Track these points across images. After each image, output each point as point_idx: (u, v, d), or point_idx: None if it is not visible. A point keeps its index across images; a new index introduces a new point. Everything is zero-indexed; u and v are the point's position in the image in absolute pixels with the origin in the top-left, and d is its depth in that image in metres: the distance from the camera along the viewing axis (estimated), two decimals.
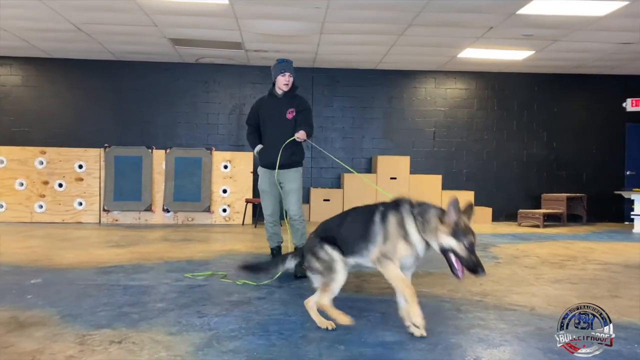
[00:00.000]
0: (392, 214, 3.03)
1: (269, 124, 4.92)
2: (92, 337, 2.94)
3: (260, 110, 5.01)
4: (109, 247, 6.24)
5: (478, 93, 10.58)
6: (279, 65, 4.86)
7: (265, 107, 4.98)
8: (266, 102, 5.00)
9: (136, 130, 9.97)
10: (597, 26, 7.36)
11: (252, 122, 5.11)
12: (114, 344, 2.84)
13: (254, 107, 5.13)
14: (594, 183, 10.54)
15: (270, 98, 4.96)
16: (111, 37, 8.41)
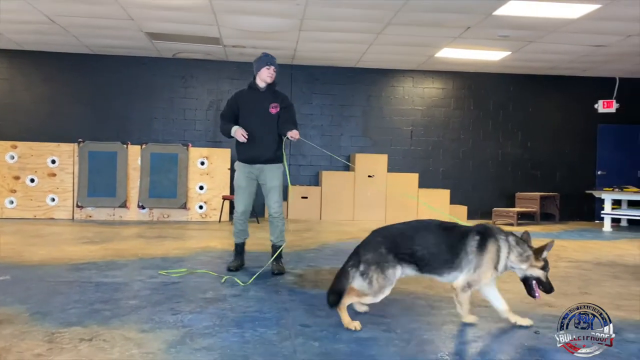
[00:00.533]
0: (492, 243, 3.18)
1: (251, 118, 4.69)
2: (62, 335, 2.88)
3: (240, 103, 4.75)
4: (82, 244, 6.13)
5: (455, 93, 10.69)
6: (266, 57, 4.75)
7: (246, 100, 4.75)
8: (247, 95, 4.78)
9: (111, 125, 9.81)
10: (570, 28, 7.50)
11: (228, 115, 4.80)
12: (84, 341, 2.79)
13: (232, 99, 4.85)
14: (566, 182, 10.75)
15: (252, 91, 4.77)
16: (86, 30, 8.25)
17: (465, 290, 3.15)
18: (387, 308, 3.58)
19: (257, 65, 4.75)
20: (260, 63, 4.74)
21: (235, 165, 4.85)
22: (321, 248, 6.26)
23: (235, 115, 4.77)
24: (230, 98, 4.91)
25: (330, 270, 4.83)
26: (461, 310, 3.22)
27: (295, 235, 7.41)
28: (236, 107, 4.77)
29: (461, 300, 3.18)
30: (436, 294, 4.04)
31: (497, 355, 2.75)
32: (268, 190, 4.77)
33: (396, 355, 2.69)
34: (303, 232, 7.81)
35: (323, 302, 3.66)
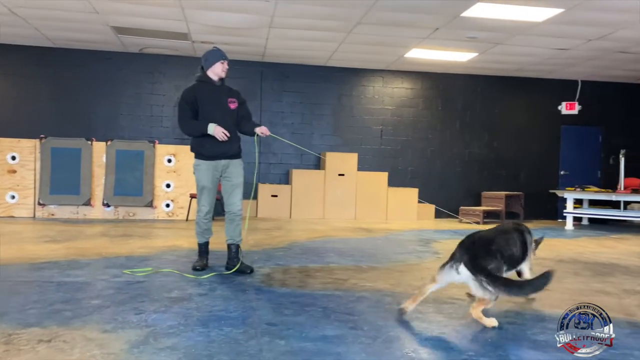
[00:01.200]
0: (531, 237, 3.92)
1: (215, 113, 4.54)
2: (19, 336, 2.79)
3: (199, 98, 4.53)
4: (43, 243, 5.95)
5: (423, 93, 10.82)
6: (220, 52, 4.64)
7: (205, 95, 4.54)
8: (203, 90, 4.56)
9: (75, 121, 9.55)
10: (535, 31, 7.68)
11: (190, 113, 4.53)
12: (43, 342, 2.70)
13: (189, 96, 4.55)
14: (531, 182, 11.02)
15: (207, 86, 4.58)
16: (49, 22, 8.00)
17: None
18: (354, 305, 3.59)
19: (211, 59, 4.59)
20: (214, 57, 4.59)
21: (198, 164, 4.59)
22: (290, 247, 6.24)
23: (195, 112, 4.53)
24: (187, 95, 4.57)
25: (298, 269, 4.82)
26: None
27: (265, 234, 7.37)
28: (196, 103, 4.53)
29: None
30: (403, 291, 4.07)
31: (462, 350, 2.79)
32: (233, 187, 4.66)
33: (362, 353, 2.69)
34: (272, 230, 7.78)
35: (291, 301, 3.66)
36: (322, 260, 5.36)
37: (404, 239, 7.20)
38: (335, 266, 5.02)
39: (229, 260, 4.68)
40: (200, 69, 4.68)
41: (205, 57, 4.66)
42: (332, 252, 5.85)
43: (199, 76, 4.65)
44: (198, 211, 4.70)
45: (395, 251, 6.09)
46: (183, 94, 4.61)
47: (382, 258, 5.59)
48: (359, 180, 9.92)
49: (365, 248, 6.29)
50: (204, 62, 4.65)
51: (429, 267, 5.14)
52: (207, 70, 4.61)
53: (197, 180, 4.62)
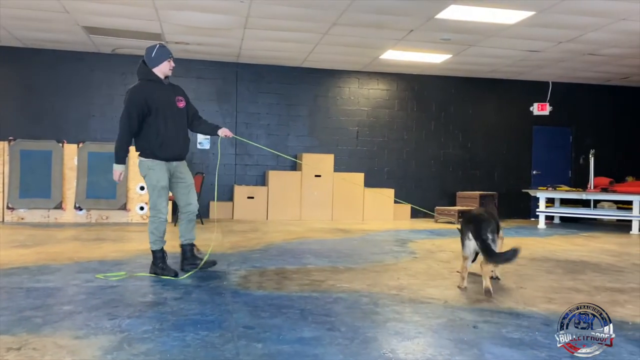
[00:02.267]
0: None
1: (166, 113, 4.40)
2: None
3: (149, 100, 4.31)
4: (12, 248, 5.79)
5: (399, 94, 10.90)
6: (165, 49, 4.46)
7: (156, 96, 4.35)
8: (153, 90, 4.37)
9: (46, 123, 9.34)
10: (507, 34, 7.81)
11: (137, 115, 4.30)
12: (12, 350, 2.62)
13: (139, 97, 4.30)
14: (504, 182, 11.20)
15: (155, 85, 4.40)
16: (17, 22, 7.81)
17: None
18: (331, 306, 3.59)
19: (158, 57, 4.41)
20: (162, 55, 4.43)
21: (152, 165, 4.41)
22: (267, 248, 6.20)
23: (143, 114, 4.32)
24: (135, 97, 4.31)
25: (275, 271, 4.80)
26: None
27: (241, 236, 7.32)
28: (145, 106, 4.31)
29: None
30: (380, 291, 4.09)
31: (438, 350, 2.81)
32: (189, 187, 4.60)
33: (340, 354, 2.69)
34: (249, 232, 7.73)
35: (268, 304, 3.63)
36: (299, 261, 5.34)
37: (380, 240, 7.23)
38: (312, 267, 5.01)
39: (186, 260, 4.66)
40: (143, 64, 4.46)
41: (151, 54, 4.43)
42: (309, 254, 5.84)
43: (145, 74, 4.43)
44: (157, 215, 4.45)
45: (371, 251, 6.11)
46: (131, 96, 4.34)
47: (358, 259, 5.61)
48: (335, 181, 9.94)
49: (342, 249, 6.29)
50: (149, 59, 4.43)
51: (405, 267, 5.17)
52: (152, 68, 4.43)
53: (154, 181, 4.41)
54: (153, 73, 4.44)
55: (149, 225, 4.51)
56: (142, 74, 4.46)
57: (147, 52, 4.47)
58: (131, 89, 4.42)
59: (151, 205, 4.50)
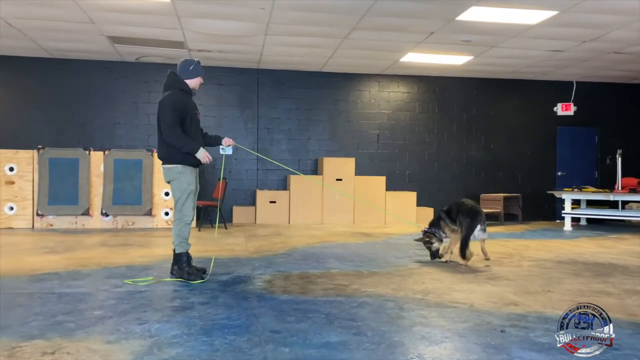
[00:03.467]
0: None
1: (194, 124, 4.66)
2: (22, 349, 2.78)
3: (186, 109, 4.56)
4: (43, 254, 5.93)
5: (420, 96, 10.86)
6: (201, 67, 4.74)
7: (190, 106, 4.62)
8: (188, 101, 4.63)
9: (73, 131, 9.55)
10: (529, 34, 7.73)
11: (178, 121, 4.49)
12: (47, 355, 2.70)
13: (180, 105, 4.52)
14: (528, 183, 11.06)
15: (188, 97, 4.67)
16: (45, 33, 8.02)
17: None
18: (357, 311, 3.60)
19: (194, 71, 4.68)
20: (199, 71, 4.71)
21: (183, 170, 4.53)
22: (290, 252, 6.24)
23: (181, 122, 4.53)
24: (179, 104, 4.52)
25: (299, 275, 4.83)
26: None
27: (264, 240, 7.37)
28: (183, 113, 4.52)
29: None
30: (405, 295, 4.08)
31: (465, 355, 2.80)
32: (197, 194, 4.77)
33: (366, 359, 2.70)
34: (271, 236, 7.78)
35: (293, 308, 3.66)
36: (323, 266, 5.36)
37: (403, 243, 7.21)
38: (336, 272, 5.03)
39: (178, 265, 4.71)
40: (174, 75, 4.65)
41: (187, 67, 4.67)
42: (332, 258, 5.85)
43: (180, 84, 4.63)
44: (182, 218, 4.56)
45: (395, 255, 6.10)
46: (175, 103, 4.51)
47: (382, 263, 5.60)
48: (356, 184, 9.94)
49: (365, 253, 6.29)
50: (186, 71, 4.65)
51: (429, 271, 5.15)
52: (186, 79, 4.65)
53: (185, 185, 4.54)
54: (186, 84, 4.65)
55: (174, 227, 4.60)
56: (177, 84, 4.64)
57: (185, 64, 4.68)
58: (170, 96, 4.56)
59: (177, 208, 4.58)
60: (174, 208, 4.63)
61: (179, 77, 4.65)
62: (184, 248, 4.59)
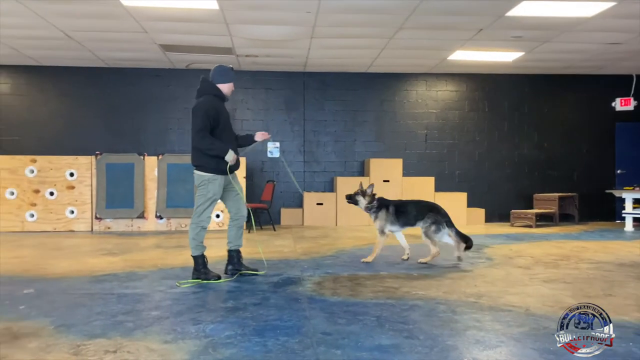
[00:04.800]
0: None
1: (228, 128, 4.76)
2: (87, 347, 2.91)
3: (219, 115, 4.65)
4: (102, 255, 6.20)
5: (469, 95, 10.64)
6: (233, 73, 4.80)
7: (221, 111, 4.69)
8: (220, 106, 4.70)
9: (128, 137, 9.93)
10: (585, 27, 7.43)
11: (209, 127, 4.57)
12: (109, 353, 2.81)
13: (212, 110, 4.58)
14: (585, 182, 10.62)
15: (220, 102, 4.73)
16: (101, 44, 8.38)
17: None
18: (408, 314, 3.56)
19: (226, 77, 4.75)
20: (230, 76, 4.77)
21: (214, 178, 4.64)
22: (338, 254, 6.25)
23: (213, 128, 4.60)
24: (211, 110, 4.58)
25: (348, 277, 4.83)
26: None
27: (312, 242, 7.42)
28: (215, 120, 4.60)
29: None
30: (457, 298, 4.01)
31: None
32: (239, 196, 4.85)
33: None
34: (319, 238, 7.81)
35: (343, 310, 3.66)
36: (372, 268, 5.34)
37: (454, 245, 7.06)
38: (385, 274, 5.00)
39: (232, 265, 4.88)
40: (208, 81, 4.73)
41: (220, 73, 4.74)
42: (381, 260, 5.82)
43: (214, 89, 4.71)
44: (200, 223, 4.66)
45: (445, 258, 5.99)
46: (207, 108, 4.57)
47: (432, 265, 5.52)
48: (404, 185, 9.84)
49: (414, 255, 6.21)
50: (218, 76, 4.73)
51: (482, 273, 5.04)
52: (219, 84, 4.72)
53: (210, 194, 4.64)
54: (219, 90, 4.73)
55: (190, 231, 4.71)
56: (211, 90, 4.72)
57: (219, 70, 4.76)
58: (203, 102, 4.65)
59: (197, 213, 4.68)
60: (194, 212, 4.75)
61: (212, 82, 4.73)
62: (200, 251, 4.74)
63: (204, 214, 4.67)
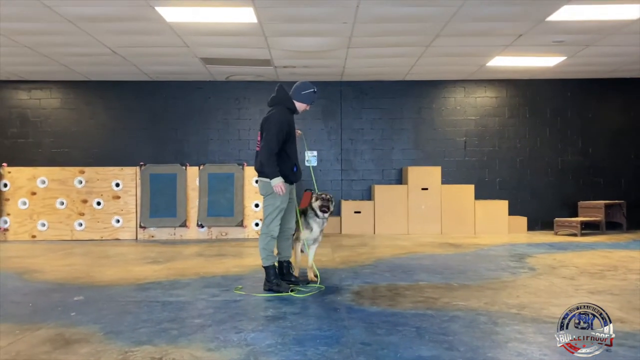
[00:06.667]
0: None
1: (295, 141, 4.84)
2: (134, 353, 3.03)
3: (291, 129, 4.75)
4: (147, 264, 6.39)
5: (509, 101, 10.45)
6: (314, 96, 4.86)
7: (292, 126, 4.80)
8: (292, 121, 4.80)
9: (170, 148, 10.23)
10: (631, 29, 7.20)
11: (282, 139, 4.62)
12: None
13: (286, 124, 4.68)
14: (633, 189, 10.23)
15: (292, 117, 4.82)
16: (145, 58, 8.68)
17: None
18: (448, 325, 3.54)
19: (306, 98, 4.82)
20: (310, 99, 4.83)
21: (285, 187, 4.65)
22: (377, 264, 6.24)
23: (284, 140, 4.66)
24: (285, 124, 4.67)
25: (387, 287, 4.82)
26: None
27: (350, 250, 7.43)
28: (287, 132, 4.66)
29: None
30: (499, 310, 3.95)
31: None
32: (294, 207, 4.91)
33: None
34: (357, 247, 7.82)
35: (382, 320, 3.67)
36: (411, 278, 5.31)
37: (495, 254, 6.95)
38: (424, 284, 4.96)
39: (283, 276, 4.85)
40: (284, 92, 4.81)
41: (302, 90, 4.81)
42: (420, 269, 5.78)
43: (288, 102, 4.78)
44: (269, 232, 4.66)
45: (486, 267, 5.90)
46: (282, 122, 4.63)
47: (473, 275, 5.45)
48: (443, 194, 9.73)
49: (455, 264, 6.15)
50: (298, 93, 4.80)
51: (524, 284, 4.94)
52: (296, 100, 4.80)
53: (278, 202, 4.65)
54: (294, 104, 4.80)
55: (260, 242, 4.74)
56: (285, 101, 4.79)
57: (303, 88, 4.84)
58: (279, 115, 4.69)
59: (266, 223, 4.71)
60: (262, 221, 4.77)
61: (289, 95, 4.80)
62: (271, 261, 4.73)
63: (273, 224, 4.68)
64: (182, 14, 6.51)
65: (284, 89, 4.85)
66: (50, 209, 9.06)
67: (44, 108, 10.28)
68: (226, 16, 6.59)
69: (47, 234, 9.03)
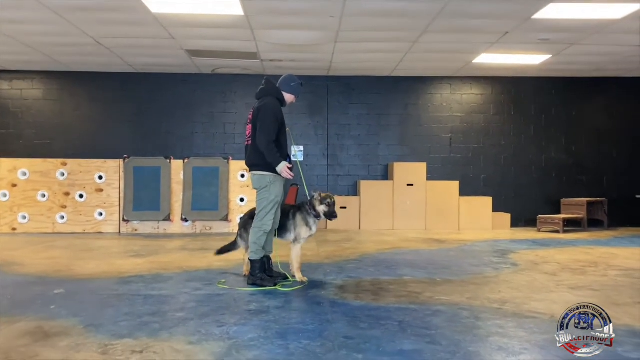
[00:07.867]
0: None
1: (285, 134, 4.80)
2: (114, 347, 2.99)
3: (281, 116, 4.71)
4: (129, 257, 6.33)
5: (494, 98, 10.52)
6: (301, 88, 4.87)
7: (282, 117, 4.75)
8: (281, 111, 4.76)
9: (155, 141, 10.12)
10: (614, 29, 7.28)
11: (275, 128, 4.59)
12: (136, 353, 2.88)
13: (279, 114, 4.66)
14: (614, 187, 10.38)
15: (281, 108, 4.78)
16: (130, 50, 8.56)
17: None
18: (431, 319, 3.55)
19: (294, 89, 4.82)
20: (297, 90, 4.84)
21: (274, 179, 4.62)
22: (361, 259, 6.25)
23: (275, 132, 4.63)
24: (278, 114, 4.65)
25: (371, 282, 4.83)
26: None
27: (335, 245, 7.43)
28: (279, 122, 4.64)
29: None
30: (481, 304, 3.97)
31: None
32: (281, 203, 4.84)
33: None
34: (342, 242, 7.82)
35: (366, 314, 3.67)
36: (395, 272, 5.33)
37: (478, 250, 7.00)
38: (408, 279, 4.98)
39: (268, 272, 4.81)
40: (272, 84, 4.79)
41: (289, 82, 4.81)
42: (404, 264, 5.80)
43: (278, 93, 4.77)
44: (262, 227, 4.61)
45: (470, 263, 5.94)
46: (276, 112, 4.63)
47: (456, 270, 5.48)
48: (428, 189, 9.78)
49: (438, 260, 6.18)
50: (286, 85, 4.80)
51: (507, 279, 4.98)
52: (285, 92, 4.78)
53: (273, 195, 4.60)
54: (283, 95, 4.78)
55: (252, 235, 4.67)
56: (275, 93, 4.77)
57: (290, 80, 4.84)
58: (272, 105, 4.65)
59: (259, 217, 4.63)
60: (256, 215, 4.68)
61: (277, 87, 4.78)
62: (259, 255, 4.69)
63: (267, 218, 4.62)
64: (167, 5, 6.42)
65: (271, 82, 4.84)
66: (31, 202, 8.92)
67: (26, 99, 10.10)
68: (212, 8, 6.52)
69: (28, 226, 8.89)
